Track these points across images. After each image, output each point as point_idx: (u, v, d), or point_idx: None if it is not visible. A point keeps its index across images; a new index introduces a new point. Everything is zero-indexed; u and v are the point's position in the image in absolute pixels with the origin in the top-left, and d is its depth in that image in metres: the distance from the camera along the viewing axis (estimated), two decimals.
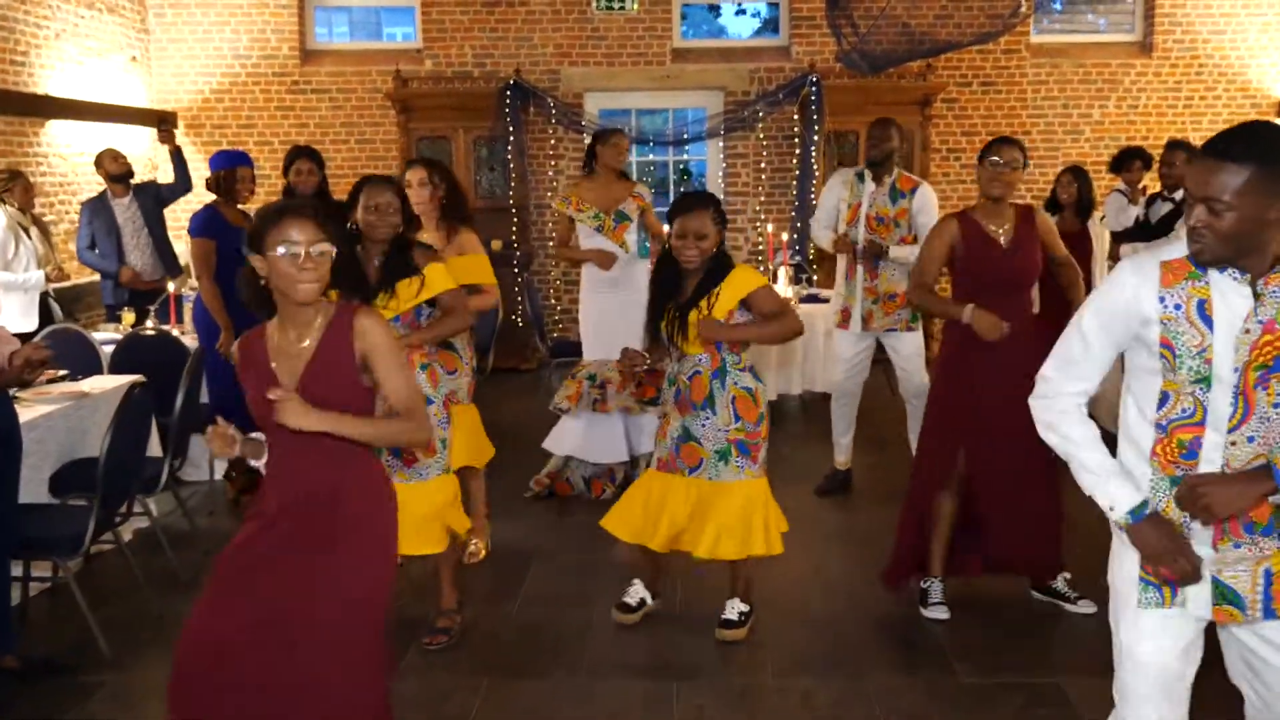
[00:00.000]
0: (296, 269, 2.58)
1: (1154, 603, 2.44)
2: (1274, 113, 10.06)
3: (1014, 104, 10.06)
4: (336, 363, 2.69)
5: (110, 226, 7.19)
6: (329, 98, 9.93)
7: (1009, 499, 4.41)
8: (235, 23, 9.83)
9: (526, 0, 9.81)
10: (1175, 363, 2.33)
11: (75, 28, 8.50)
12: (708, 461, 4.14)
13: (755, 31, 10.45)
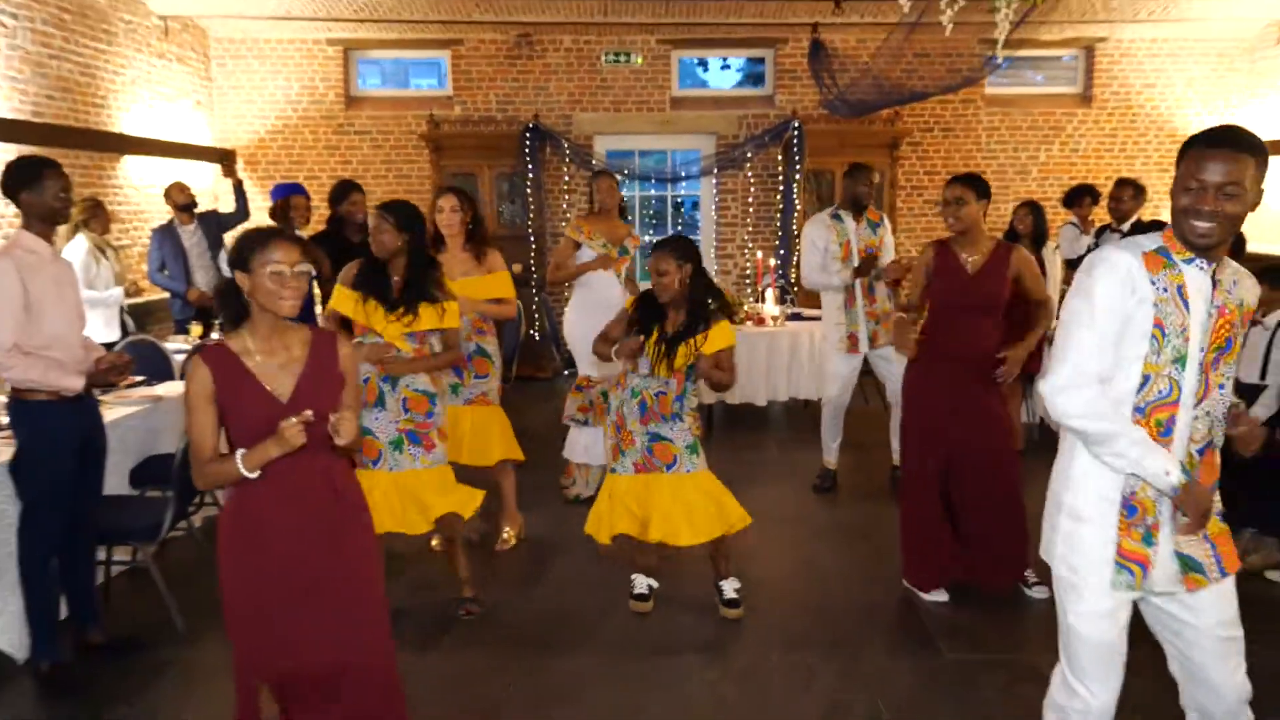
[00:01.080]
0: (281, 286, 2.56)
1: (1127, 585, 2.42)
2: None
3: (970, 147, 10.02)
4: (327, 374, 2.70)
5: (178, 251, 7.10)
6: (370, 138, 9.85)
7: (982, 509, 4.35)
8: (287, 72, 9.74)
9: (544, 54, 9.75)
10: (1163, 342, 2.32)
11: (148, 75, 8.41)
12: (681, 456, 4.11)
13: (739, 83, 10.38)
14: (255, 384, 2.63)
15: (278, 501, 2.66)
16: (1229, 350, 2.34)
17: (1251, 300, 2.38)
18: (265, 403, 2.62)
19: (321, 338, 2.74)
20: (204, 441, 2.62)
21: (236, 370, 2.63)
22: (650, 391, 4.12)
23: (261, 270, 2.57)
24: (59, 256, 3.71)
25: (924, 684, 3.73)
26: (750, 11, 8.70)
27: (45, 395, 3.58)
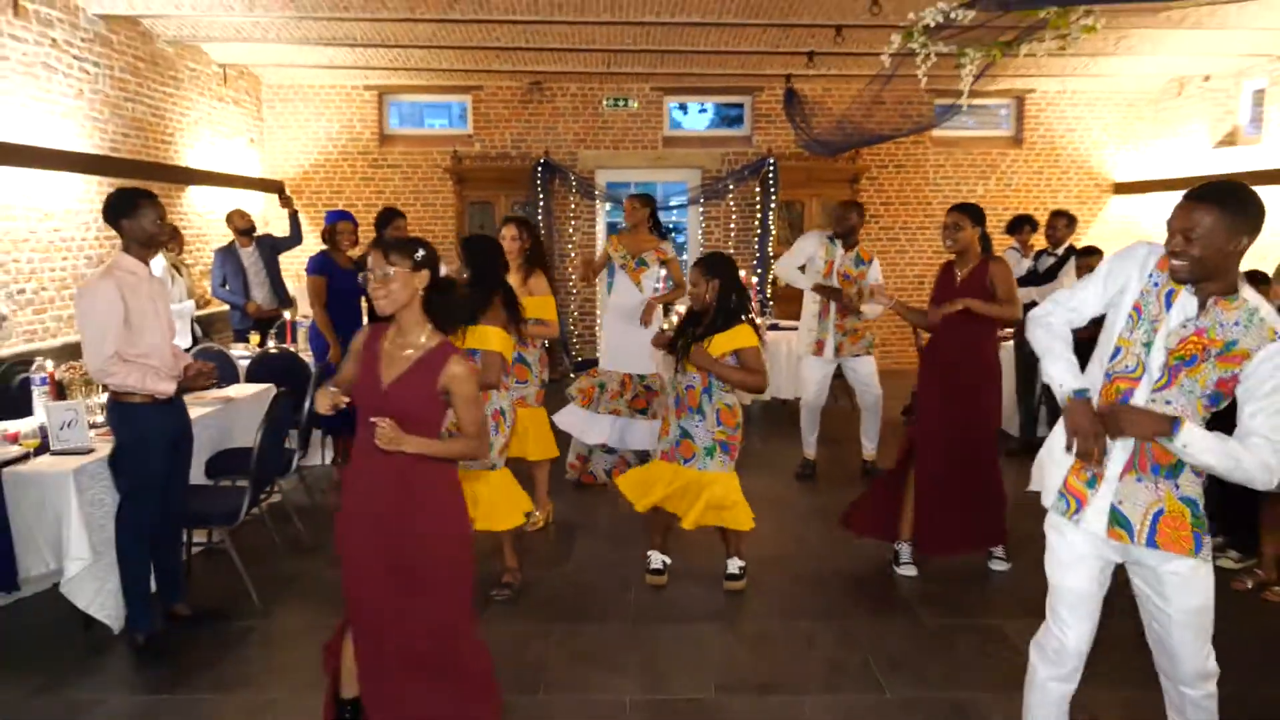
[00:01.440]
0: (372, 290, 2.57)
1: (1060, 510, 2.51)
2: (1111, 191, 10.13)
3: (919, 182, 10.06)
4: (422, 382, 2.60)
5: (237, 269, 6.99)
6: (400, 171, 9.75)
7: (965, 484, 4.32)
8: (329, 114, 9.64)
9: (553, 99, 9.69)
10: (1137, 321, 2.38)
11: (209, 116, 8.30)
12: (698, 455, 4.06)
13: (709, 125, 10.34)
14: (374, 361, 2.63)
15: (356, 483, 2.67)
16: (1193, 365, 2.31)
17: (1248, 344, 2.26)
18: (370, 378, 2.63)
19: (435, 354, 2.60)
20: (342, 377, 2.76)
21: (374, 344, 2.67)
22: (682, 386, 4.10)
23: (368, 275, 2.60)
24: (154, 276, 3.63)
25: (910, 645, 3.72)
26: (734, 64, 8.69)
27: (141, 398, 3.51)
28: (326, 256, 5.78)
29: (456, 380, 2.60)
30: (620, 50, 8.12)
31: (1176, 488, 2.37)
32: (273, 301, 7.23)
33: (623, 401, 5.70)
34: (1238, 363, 2.27)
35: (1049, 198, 10.02)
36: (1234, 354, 2.28)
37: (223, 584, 4.23)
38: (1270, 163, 7.95)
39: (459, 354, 2.65)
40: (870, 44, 7.61)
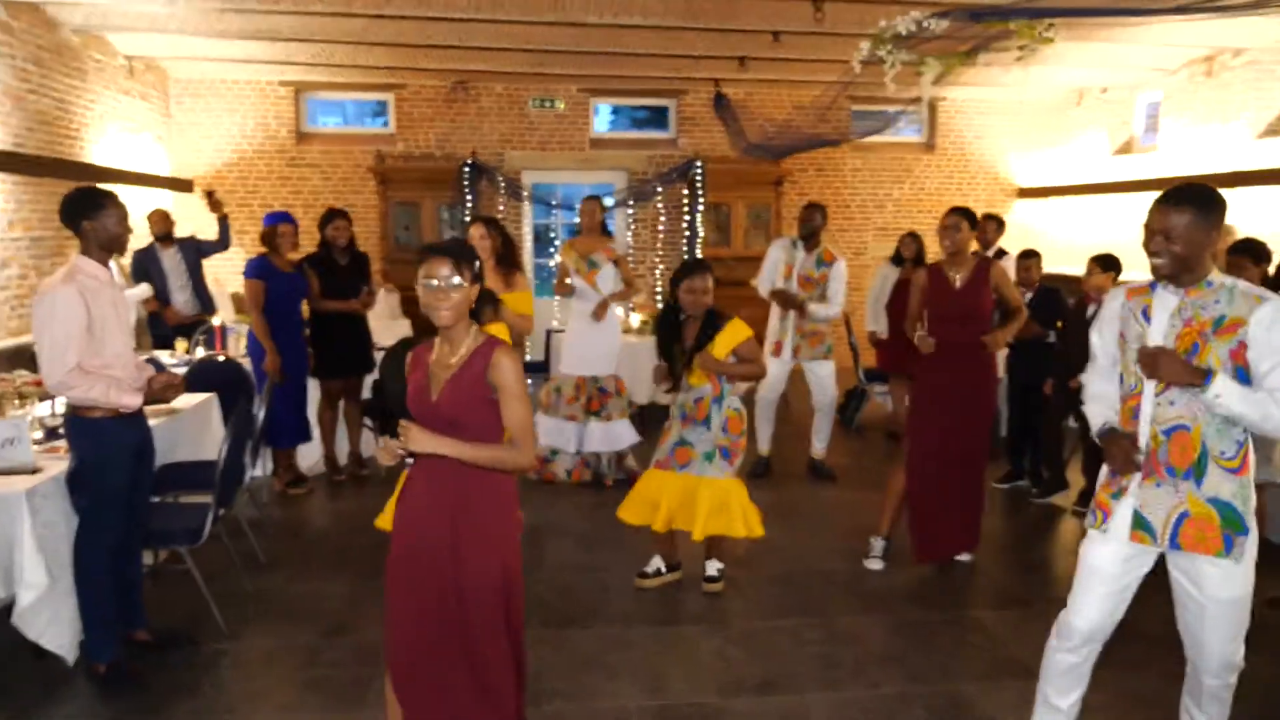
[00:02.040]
0: (433, 298, 2.42)
1: (1091, 524, 2.66)
2: (1015, 196, 10.62)
3: (839, 185, 10.31)
4: (471, 382, 2.48)
5: (158, 272, 6.62)
6: (320, 171, 9.42)
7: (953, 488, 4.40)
8: (243, 110, 9.23)
9: (478, 98, 9.53)
10: (1125, 346, 2.58)
11: (115, 110, 7.82)
12: (695, 460, 4.05)
13: (625, 126, 10.36)
14: (423, 377, 2.54)
15: (415, 489, 2.56)
16: (1197, 353, 2.45)
17: (1237, 313, 2.41)
18: (421, 394, 2.52)
19: (482, 348, 2.50)
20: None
21: (421, 362, 2.57)
22: (690, 401, 4.07)
23: (419, 284, 2.45)
24: (114, 281, 3.39)
25: (894, 639, 3.81)
26: (665, 66, 8.71)
27: (102, 412, 3.27)
28: (265, 260, 5.52)
29: (503, 371, 2.46)
30: (548, 50, 8.04)
31: (1199, 489, 2.47)
32: (194, 307, 6.89)
33: (579, 406, 5.70)
34: (1236, 331, 2.41)
35: (959, 201, 10.24)
36: (1228, 325, 2.43)
37: (180, 606, 3.99)
38: (1165, 171, 8.48)
39: (505, 346, 2.54)
40: (802, 50, 7.77)
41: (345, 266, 5.84)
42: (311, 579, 4.39)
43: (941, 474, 4.33)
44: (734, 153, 9.41)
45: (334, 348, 5.82)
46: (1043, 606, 4.11)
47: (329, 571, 4.48)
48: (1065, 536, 5.12)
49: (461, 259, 2.46)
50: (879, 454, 6.86)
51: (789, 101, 9.93)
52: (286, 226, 5.63)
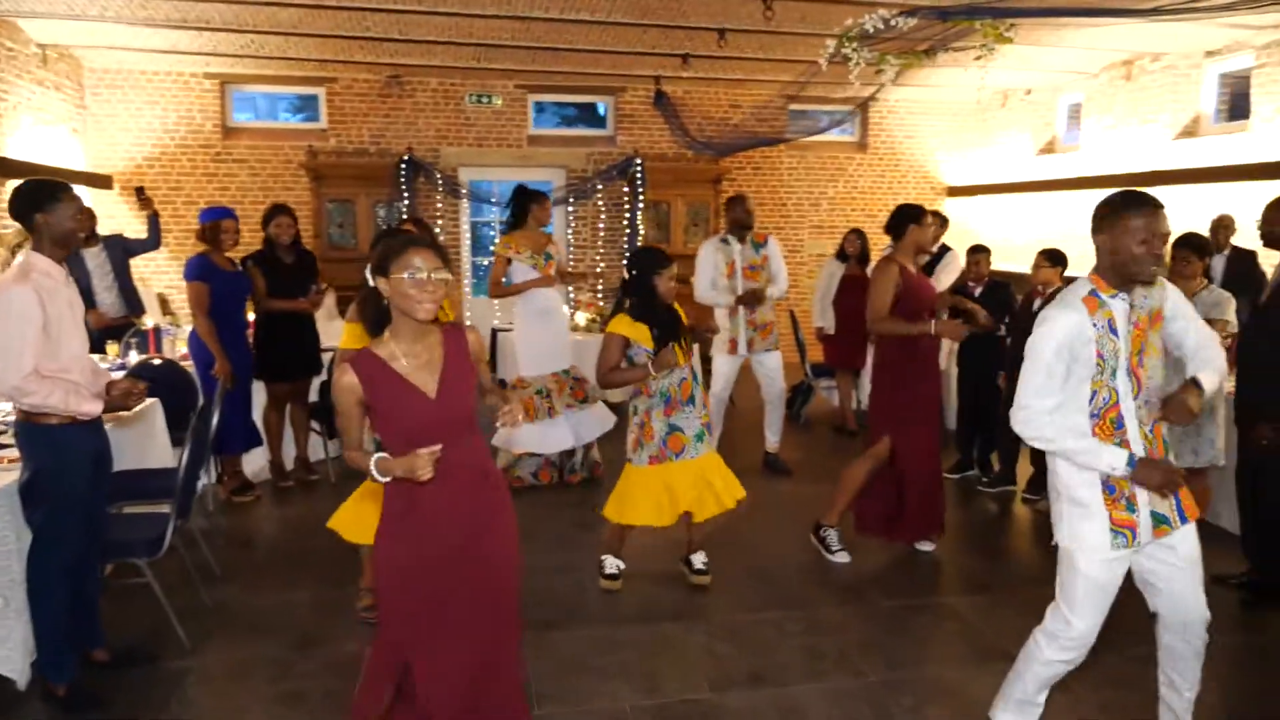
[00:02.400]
0: (419, 291, 2.33)
1: (1123, 545, 2.60)
2: (945, 194, 10.91)
3: (775, 183, 10.43)
4: (463, 368, 2.48)
5: (81, 273, 6.28)
6: (248, 166, 9.08)
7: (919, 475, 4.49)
8: (164, 103, 8.82)
9: (413, 93, 9.33)
10: (1104, 365, 2.54)
11: (29, 101, 7.39)
12: (688, 444, 4.05)
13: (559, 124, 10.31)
14: (407, 386, 2.41)
15: (433, 486, 2.41)
16: (1144, 350, 2.60)
17: (1156, 300, 2.61)
18: (419, 403, 2.41)
19: (451, 332, 2.51)
20: (352, 435, 2.47)
21: (386, 375, 2.41)
22: (674, 385, 4.04)
23: (401, 276, 2.33)
24: (69, 279, 3.19)
25: (873, 628, 3.86)
26: (606, 63, 8.68)
27: (59, 418, 3.08)
28: (207, 259, 5.27)
29: (476, 346, 2.58)
30: (487, 45, 7.92)
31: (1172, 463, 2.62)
32: (121, 309, 6.54)
33: (566, 398, 5.66)
34: (1160, 318, 2.63)
35: (891, 200, 10.64)
36: (1155, 314, 2.62)
37: (136, 622, 3.79)
38: (1087, 170, 8.83)
39: (463, 324, 2.60)
40: (748, 49, 7.84)
41: (291, 265, 5.63)
42: (272, 589, 4.22)
43: (930, 467, 4.47)
44: (686, 148, 9.44)
45: (281, 349, 5.61)
46: (1008, 592, 4.25)
47: (289, 581, 4.31)
48: (1019, 523, 5.28)
49: (443, 254, 2.42)
50: (827, 447, 6.95)
51: (726, 100, 10.01)
52: (229, 222, 5.40)
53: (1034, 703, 2.82)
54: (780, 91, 10.03)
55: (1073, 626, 2.65)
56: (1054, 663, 2.73)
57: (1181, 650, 2.78)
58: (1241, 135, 7.22)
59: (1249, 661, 3.60)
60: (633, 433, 4.13)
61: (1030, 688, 2.80)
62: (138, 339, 6.07)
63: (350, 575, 4.26)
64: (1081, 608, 2.65)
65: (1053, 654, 2.71)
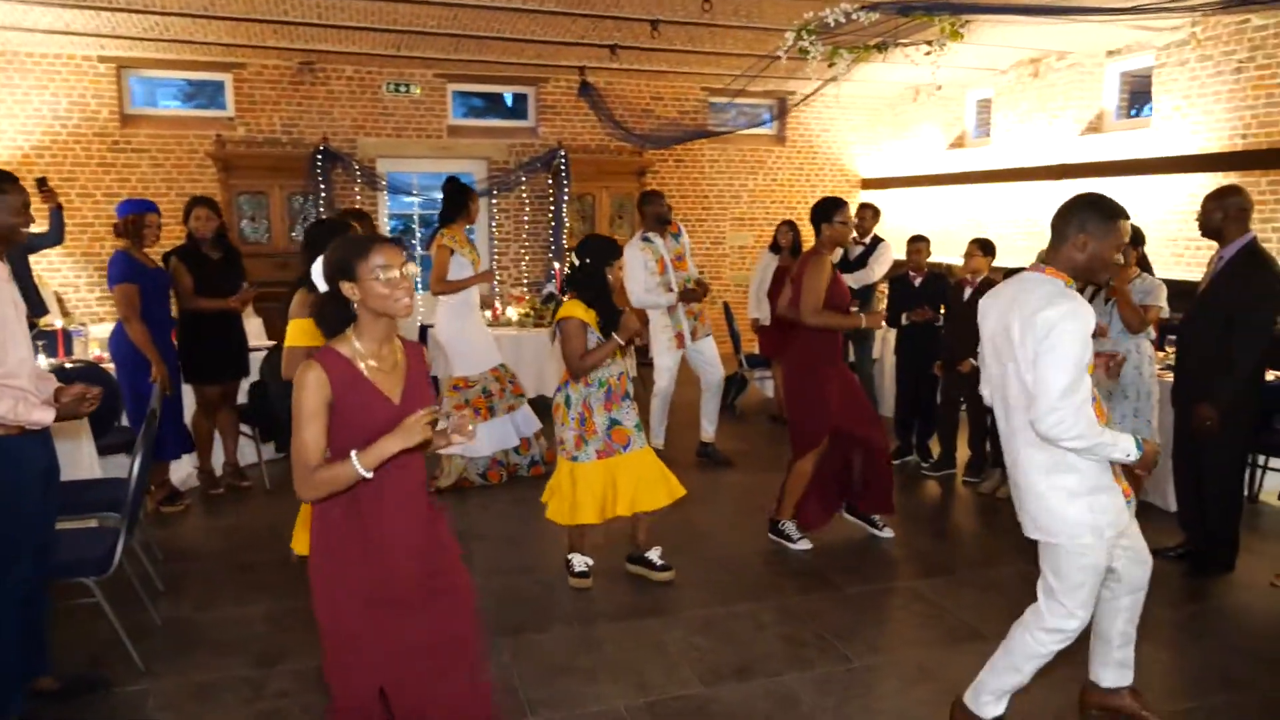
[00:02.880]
0: (394, 288, 2.21)
1: (1133, 511, 2.77)
2: (859, 187, 11.19)
3: (696, 176, 10.49)
4: (422, 380, 2.39)
5: None
6: (149, 156, 8.57)
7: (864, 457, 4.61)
8: (54, 87, 8.24)
9: (327, 81, 8.98)
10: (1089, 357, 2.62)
11: None
12: (633, 437, 4.06)
13: (477, 115, 10.12)
14: (373, 389, 2.27)
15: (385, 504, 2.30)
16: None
17: None
18: (384, 407, 2.26)
19: (411, 346, 2.42)
20: (316, 448, 2.20)
21: (353, 376, 2.25)
22: (613, 376, 4.02)
23: (370, 276, 2.20)
24: (10, 278, 2.93)
25: (845, 613, 3.91)
26: (530, 53, 8.54)
27: (6, 430, 2.83)
28: (129, 257, 4.94)
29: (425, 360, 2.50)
30: (405, 32, 7.68)
31: None
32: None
33: (510, 396, 5.57)
34: None
35: (809, 191, 10.88)
36: None
37: (78, 646, 3.53)
38: (997, 163, 9.20)
39: (417, 342, 2.50)
40: (673, 40, 7.83)
41: (218, 261, 5.35)
42: (223, 604, 4.00)
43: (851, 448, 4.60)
44: (622, 141, 9.38)
45: (209, 351, 5.33)
46: (967, 572, 4.38)
47: (240, 594, 4.10)
48: (964, 505, 5.45)
49: (404, 249, 2.30)
50: (764, 437, 7.03)
51: (649, 92, 10.00)
52: (154, 216, 5.08)
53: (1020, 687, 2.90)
54: (703, 84, 10.10)
55: (1076, 618, 2.72)
56: (1052, 653, 2.80)
57: (1137, 600, 2.92)
58: (1144, 131, 7.63)
59: (1193, 627, 3.81)
60: (571, 429, 4.03)
61: (1026, 678, 2.87)
62: (44, 341, 5.66)
63: (303, 586, 4.07)
64: (1087, 599, 2.71)
65: (1053, 647, 2.77)
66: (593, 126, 9.81)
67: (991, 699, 2.89)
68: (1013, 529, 4.91)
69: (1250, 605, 4.00)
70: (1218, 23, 6.79)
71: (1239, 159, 6.74)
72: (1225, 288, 4.02)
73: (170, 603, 3.98)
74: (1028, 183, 8.81)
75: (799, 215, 10.41)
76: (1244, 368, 3.93)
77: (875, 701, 3.21)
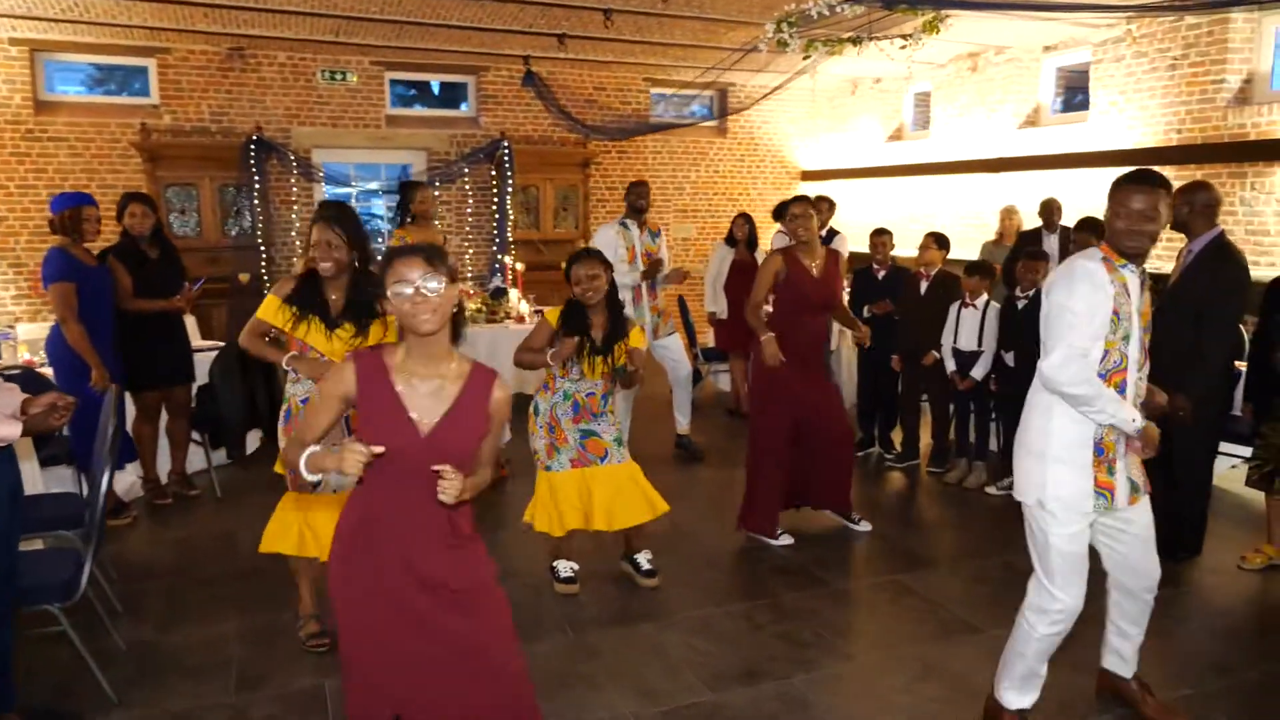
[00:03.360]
0: (411, 305, 2.08)
1: (1103, 508, 2.75)
2: (799, 178, 11.25)
3: (640, 167, 10.37)
4: (472, 419, 2.19)
5: None
6: (67, 145, 8.04)
7: (827, 457, 4.61)
8: None
9: (258, 68, 8.58)
10: (1118, 325, 2.65)
11: None
12: (611, 450, 3.97)
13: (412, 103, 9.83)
14: (397, 404, 2.13)
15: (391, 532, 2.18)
16: (1148, 330, 2.75)
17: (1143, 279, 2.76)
18: (402, 428, 2.12)
19: (479, 375, 2.21)
20: (314, 430, 2.19)
21: (383, 384, 2.14)
22: (581, 394, 3.91)
23: (393, 293, 2.09)
24: None
25: (838, 610, 3.90)
26: (474, 41, 8.30)
27: None
28: (67, 254, 4.60)
29: (501, 406, 2.24)
30: (341, 17, 7.37)
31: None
32: None
33: None
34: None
35: (750, 184, 10.91)
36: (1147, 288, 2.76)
37: (41, 675, 3.28)
38: (937, 156, 9.35)
39: (497, 375, 2.26)
40: (621, 30, 7.70)
41: (157, 259, 5.04)
42: (189, 624, 3.76)
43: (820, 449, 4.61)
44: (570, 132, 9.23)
45: (150, 354, 5.02)
46: (950, 564, 4.42)
47: (205, 612, 3.86)
48: (932, 496, 5.49)
49: (433, 257, 2.13)
50: (722, 431, 7.00)
51: (591, 82, 9.85)
52: (91, 209, 4.74)
53: (1037, 674, 2.92)
54: (644, 75, 10.00)
55: (1058, 600, 2.76)
56: (1048, 637, 2.83)
57: (1131, 605, 2.97)
58: (1080, 125, 7.84)
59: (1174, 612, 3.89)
60: (541, 439, 3.96)
61: (1032, 662, 2.89)
62: None
63: (274, 600, 3.91)
64: (1063, 580, 2.75)
65: (1044, 629, 2.80)
66: (535, 117, 9.62)
67: (1009, 687, 2.92)
68: (986, 520, 5.01)
69: (1222, 587, 4.12)
70: (1153, 21, 7.01)
71: (1174, 153, 6.97)
72: (1194, 281, 4.12)
73: (131, 625, 3.72)
74: (967, 175, 8.98)
75: (741, 207, 10.44)
76: (1215, 360, 4.05)
77: (884, 699, 3.19)
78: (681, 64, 9.48)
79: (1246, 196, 6.49)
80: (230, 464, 5.84)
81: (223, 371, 5.27)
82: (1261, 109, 6.40)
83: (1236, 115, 6.56)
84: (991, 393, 5.41)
